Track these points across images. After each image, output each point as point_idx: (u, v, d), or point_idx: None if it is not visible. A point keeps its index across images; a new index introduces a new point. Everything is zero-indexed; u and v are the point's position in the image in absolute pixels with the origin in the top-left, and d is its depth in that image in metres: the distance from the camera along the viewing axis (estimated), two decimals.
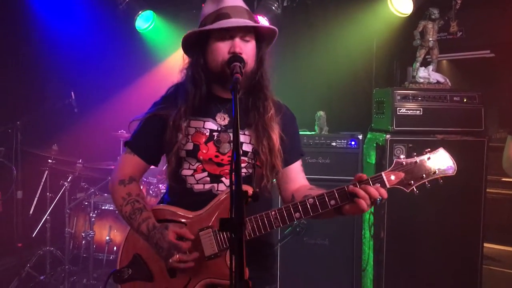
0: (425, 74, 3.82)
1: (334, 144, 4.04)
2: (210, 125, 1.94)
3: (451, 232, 3.59)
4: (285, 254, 4.02)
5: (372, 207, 3.61)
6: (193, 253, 1.79)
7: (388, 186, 1.77)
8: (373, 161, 3.78)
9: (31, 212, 4.58)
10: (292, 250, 4.01)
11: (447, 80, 3.83)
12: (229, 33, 1.83)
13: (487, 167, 3.59)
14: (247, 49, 1.85)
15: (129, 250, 1.95)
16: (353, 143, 4.02)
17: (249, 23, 1.84)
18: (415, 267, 3.61)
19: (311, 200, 1.77)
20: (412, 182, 1.77)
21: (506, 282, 4.02)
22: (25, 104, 4.98)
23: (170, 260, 1.78)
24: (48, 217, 4.51)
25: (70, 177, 4.49)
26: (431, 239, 3.60)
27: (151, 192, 4.56)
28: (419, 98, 3.63)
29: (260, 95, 1.95)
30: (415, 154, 1.81)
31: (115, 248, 4.53)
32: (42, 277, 4.38)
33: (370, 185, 1.75)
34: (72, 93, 4.69)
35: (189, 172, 1.93)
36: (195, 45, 1.91)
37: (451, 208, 3.57)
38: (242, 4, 1.91)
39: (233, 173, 1.31)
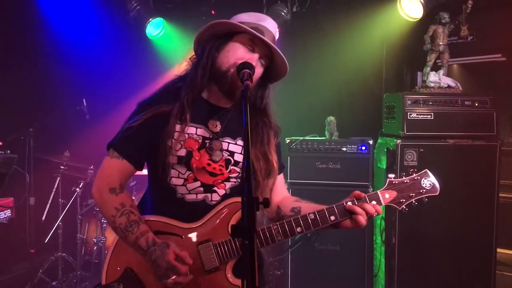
0: (436, 79, 3.81)
1: (344, 149, 4.03)
2: (202, 132, 1.89)
3: (464, 237, 3.56)
4: (296, 260, 4.02)
5: (383, 213, 3.62)
6: (189, 276, 1.76)
7: (383, 203, 1.87)
8: (384, 166, 3.76)
9: (43, 218, 4.61)
10: (303, 256, 4.00)
11: (458, 85, 3.81)
12: (253, 46, 1.84)
13: (500, 171, 3.56)
14: (257, 70, 1.85)
15: (118, 263, 1.85)
16: (363, 148, 4.01)
17: (277, 49, 1.85)
18: (427, 273, 3.58)
19: (312, 215, 1.81)
20: (403, 200, 1.89)
21: None
22: (37, 111, 5.03)
23: (165, 281, 1.74)
24: (60, 223, 4.54)
25: (82, 183, 4.52)
26: (443, 245, 3.58)
27: None
28: (430, 103, 3.61)
29: (265, 121, 1.97)
30: (404, 174, 1.93)
31: None
32: (54, 283, 4.40)
33: (367, 202, 1.83)
34: (84, 99, 4.73)
35: (179, 181, 1.86)
36: (213, 39, 1.88)
37: (463, 213, 3.55)
38: (275, 34, 1.93)
39: (245, 180, 1.30)
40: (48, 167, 4.68)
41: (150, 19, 5.12)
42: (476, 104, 3.60)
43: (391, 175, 1.92)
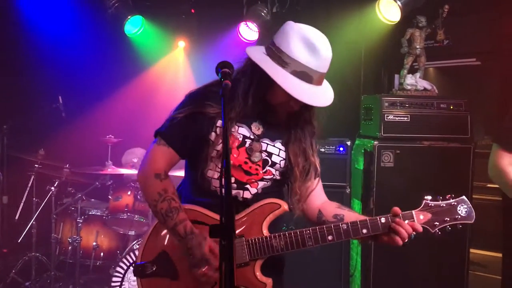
0: (413, 81, 3.86)
1: (322, 150, 4.05)
2: (244, 131, 1.94)
3: (438, 238, 3.60)
4: None
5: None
6: (217, 273, 1.79)
7: (416, 224, 1.88)
8: (361, 167, 3.80)
9: (16, 217, 4.53)
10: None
11: (434, 87, 3.87)
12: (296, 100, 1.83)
13: (473, 173, 3.63)
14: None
15: (155, 245, 1.94)
16: (341, 149, 4.04)
17: (324, 100, 1.93)
18: (403, 272, 3.63)
19: (344, 226, 1.86)
20: (437, 223, 1.90)
21: (492, 287, 4.06)
22: (11, 108, 4.92)
23: (196, 270, 1.81)
24: (34, 223, 4.44)
25: (56, 182, 4.44)
26: (418, 245, 3.59)
27: (139, 197, 4.53)
28: (407, 105, 3.66)
29: (309, 129, 2.04)
30: (440, 197, 1.93)
31: (102, 254, 4.49)
32: (27, 283, 4.32)
33: (402, 220, 1.85)
34: (60, 97, 4.65)
35: (216, 174, 1.93)
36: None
37: None
38: (326, 68, 1.93)
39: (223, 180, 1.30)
40: (22, 166, 4.60)
41: (129, 17, 5.07)
42: (451, 107, 3.67)
43: (428, 197, 1.92)
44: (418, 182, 3.52)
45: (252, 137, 1.95)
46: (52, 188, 4.41)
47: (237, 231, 1.88)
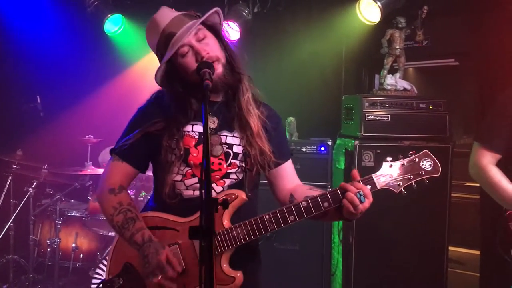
0: (393, 82, 3.90)
1: (304, 149, 4.07)
2: (199, 128, 1.92)
3: (418, 236, 3.67)
4: None
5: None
6: (174, 284, 1.79)
7: (378, 187, 1.79)
8: (342, 167, 3.83)
9: None
10: (262, 255, 4.00)
11: (414, 88, 3.92)
12: (185, 45, 1.84)
13: (452, 172, 3.68)
14: (209, 46, 1.86)
15: (119, 259, 1.93)
16: (322, 148, 4.06)
17: (193, 26, 1.84)
18: (383, 271, 3.66)
19: (304, 203, 1.78)
20: (400, 183, 1.81)
21: (470, 284, 4.13)
22: None
23: (151, 279, 1.78)
24: (11, 224, 4.37)
25: (35, 183, 4.37)
26: (399, 244, 3.67)
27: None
28: (387, 105, 3.70)
29: (239, 95, 1.95)
30: (401, 156, 1.85)
31: (81, 255, 4.43)
32: (5, 286, 4.26)
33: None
34: (38, 96, 4.59)
35: (178, 177, 1.91)
36: (167, 73, 1.91)
37: (418, 212, 3.65)
38: (176, 13, 1.91)
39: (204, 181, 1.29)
40: None
41: (109, 15, 5.01)
42: (430, 107, 3.71)
43: (389, 158, 1.83)
44: None
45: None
46: (30, 189, 4.34)
47: None
